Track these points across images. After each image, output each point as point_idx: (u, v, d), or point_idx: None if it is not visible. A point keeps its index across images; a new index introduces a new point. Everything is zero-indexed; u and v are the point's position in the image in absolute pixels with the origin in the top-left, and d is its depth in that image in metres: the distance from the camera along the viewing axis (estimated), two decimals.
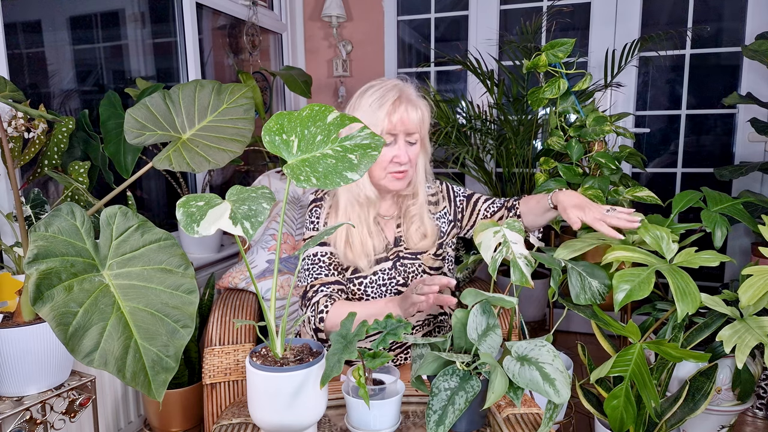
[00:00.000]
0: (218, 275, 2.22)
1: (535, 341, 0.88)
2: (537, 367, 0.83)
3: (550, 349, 0.85)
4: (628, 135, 1.81)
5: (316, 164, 0.84)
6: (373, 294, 1.38)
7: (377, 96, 1.31)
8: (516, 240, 1.10)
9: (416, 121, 1.32)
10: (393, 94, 1.30)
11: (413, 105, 1.32)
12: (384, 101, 1.30)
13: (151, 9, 2.30)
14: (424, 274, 1.42)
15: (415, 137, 1.34)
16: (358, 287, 1.38)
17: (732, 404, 1.57)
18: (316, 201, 1.44)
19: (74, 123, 1.49)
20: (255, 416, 0.88)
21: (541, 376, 0.82)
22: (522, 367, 0.84)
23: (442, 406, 0.86)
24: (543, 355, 0.85)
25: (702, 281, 2.78)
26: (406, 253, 1.42)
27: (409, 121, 1.30)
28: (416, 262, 1.41)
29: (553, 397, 0.80)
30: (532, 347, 0.87)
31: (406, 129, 1.31)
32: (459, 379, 0.88)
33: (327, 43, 3.22)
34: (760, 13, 2.60)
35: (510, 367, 0.85)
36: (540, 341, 0.87)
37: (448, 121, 2.54)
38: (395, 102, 1.30)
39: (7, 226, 1.48)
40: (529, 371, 0.83)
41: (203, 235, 0.72)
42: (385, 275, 1.38)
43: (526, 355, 0.86)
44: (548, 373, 0.82)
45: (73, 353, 0.81)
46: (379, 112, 1.29)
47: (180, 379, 1.80)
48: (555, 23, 2.76)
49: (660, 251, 1.20)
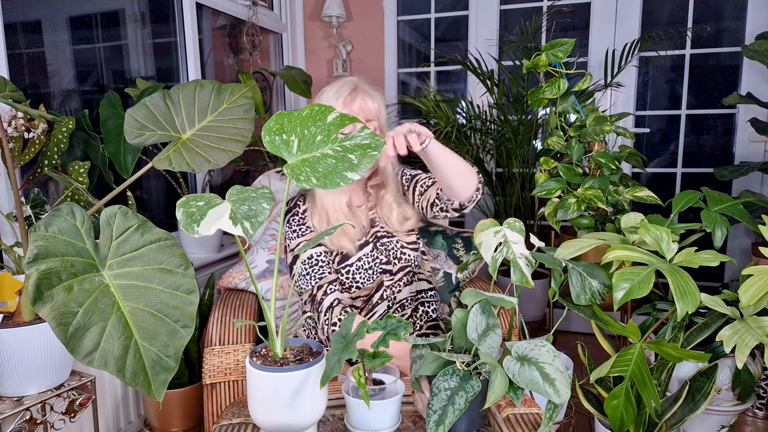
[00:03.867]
0: (218, 275, 2.22)
1: (535, 341, 0.87)
2: (537, 367, 0.83)
3: (550, 349, 0.85)
4: (628, 135, 1.81)
5: (316, 164, 0.84)
6: (362, 279, 1.43)
7: (333, 90, 1.41)
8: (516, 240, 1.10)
9: (374, 108, 1.41)
10: (348, 87, 1.40)
11: (369, 95, 1.41)
12: (340, 93, 1.39)
13: (151, 9, 2.30)
14: (402, 249, 1.48)
15: (373, 125, 1.41)
16: (346, 276, 1.43)
17: (732, 404, 1.57)
18: (289, 210, 1.49)
19: (74, 123, 1.49)
20: (255, 416, 0.88)
21: (541, 376, 0.82)
22: (522, 367, 0.84)
23: (442, 406, 0.86)
24: (543, 355, 0.85)
25: (702, 281, 2.79)
26: (383, 232, 1.48)
27: (368, 109, 1.40)
28: (393, 239, 1.49)
29: (553, 397, 0.80)
30: (532, 347, 0.87)
31: (365, 117, 1.39)
32: (459, 379, 0.88)
33: (327, 43, 3.22)
34: (760, 13, 2.60)
35: (510, 367, 0.85)
36: (540, 341, 0.87)
37: (448, 121, 2.54)
38: (352, 93, 1.39)
39: (7, 226, 1.48)
40: (529, 371, 0.83)
41: (203, 235, 0.72)
42: (369, 258, 1.45)
43: (526, 355, 0.86)
44: (548, 373, 0.82)
45: (73, 353, 0.81)
46: (337, 103, 1.38)
47: (180, 379, 1.80)
48: (555, 23, 2.76)
49: (660, 251, 1.20)
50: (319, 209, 1.45)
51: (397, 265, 1.47)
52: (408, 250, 1.49)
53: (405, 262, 1.48)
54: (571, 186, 1.72)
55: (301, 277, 1.40)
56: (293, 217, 1.47)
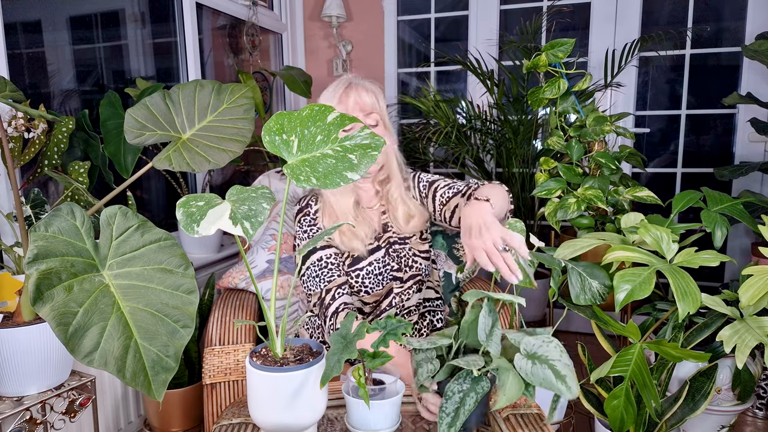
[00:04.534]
0: (218, 275, 2.22)
1: (542, 337, 0.87)
2: (549, 366, 0.83)
3: (557, 344, 0.86)
4: (628, 135, 1.81)
5: (316, 164, 0.84)
6: (371, 285, 1.41)
7: (330, 90, 1.42)
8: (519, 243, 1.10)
9: (369, 102, 1.40)
10: (343, 84, 1.41)
11: (365, 89, 1.41)
12: (336, 91, 1.40)
13: (151, 9, 2.29)
14: (414, 257, 1.46)
15: (374, 117, 1.40)
16: (356, 280, 1.41)
17: (732, 404, 1.57)
18: (301, 210, 1.47)
19: (74, 123, 1.49)
20: (255, 416, 0.88)
21: (554, 374, 0.82)
22: (534, 366, 0.84)
23: (455, 408, 0.86)
24: (551, 351, 0.85)
25: (702, 281, 2.78)
26: (396, 238, 1.46)
27: (363, 102, 1.39)
28: (406, 246, 1.46)
29: (566, 393, 0.81)
30: (540, 344, 0.86)
31: (362, 109, 1.38)
32: (471, 381, 0.89)
33: (327, 43, 3.22)
34: (760, 13, 2.60)
35: (522, 367, 0.85)
36: (546, 337, 0.87)
37: (448, 121, 2.54)
38: (346, 89, 1.40)
39: (7, 226, 1.48)
40: (542, 370, 0.83)
41: (203, 235, 0.72)
42: (380, 263, 1.43)
43: (536, 353, 0.86)
44: (559, 371, 0.82)
45: (73, 353, 0.81)
46: (333, 101, 1.39)
47: (180, 379, 1.80)
48: (555, 23, 2.76)
49: (660, 251, 1.20)
50: (328, 209, 1.43)
51: (408, 273, 1.44)
52: (420, 259, 1.46)
53: (416, 270, 1.45)
54: (571, 186, 1.72)
55: (310, 279, 1.39)
56: (304, 218, 1.45)
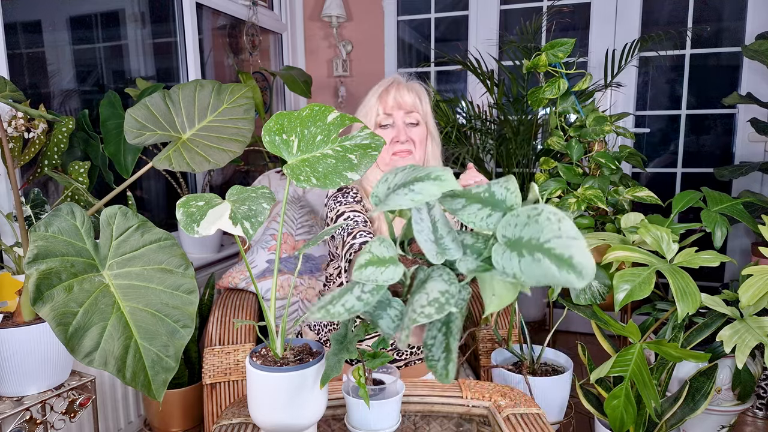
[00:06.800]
0: (218, 275, 2.22)
1: (526, 209, 0.54)
2: (544, 252, 0.51)
3: (550, 210, 0.52)
4: (628, 135, 1.81)
5: (316, 164, 0.84)
6: None
7: (375, 87, 1.43)
8: None
9: (410, 101, 1.40)
10: (386, 83, 1.42)
11: (407, 88, 1.41)
12: (379, 88, 1.41)
13: (151, 9, 2.30)
14: None
15: (414, 117, 1.40)
16: None
17: (732, 404, 1.57)
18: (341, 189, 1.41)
19: (74, 123, 1.49)
20: (255, 416, 0.88)
21: (555, 261, 0.49)
22: (523, 260, 0.52)
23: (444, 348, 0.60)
24: (544, 226, 0.52)
25: (702, 281, 2.78)
26: None
27: (403, 101, 1.39)
28: None
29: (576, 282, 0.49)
30: (524, 220, 0.54)
31: (400, 107, 1.38)
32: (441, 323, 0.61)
33: (327, 43, 3.22)
34: (760, 13, 2.60)
35: (506, 266, 0.53)
36: (531, 207, 0.54)
37: (448, 121, 2.54)
38: (389, 87, 1.40)
39: (7, 226, 1.48)
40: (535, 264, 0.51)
41: (203, 235, 0.72)
42: None
43: (521, 238, 0.53)
44: (561, 253, 0.50)
45: (73, 353, 0.81)
46: (373, 98, 1.40)
47: (180, 379, 1.80)
48: (555, 23, 2.76)
49: (660, 251, 1.20)
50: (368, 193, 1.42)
51: None
52: None
53: None
54: (571, 186, 1.72)
55: (337, 236, 1.32)
56: (347, 192, 1.40)
